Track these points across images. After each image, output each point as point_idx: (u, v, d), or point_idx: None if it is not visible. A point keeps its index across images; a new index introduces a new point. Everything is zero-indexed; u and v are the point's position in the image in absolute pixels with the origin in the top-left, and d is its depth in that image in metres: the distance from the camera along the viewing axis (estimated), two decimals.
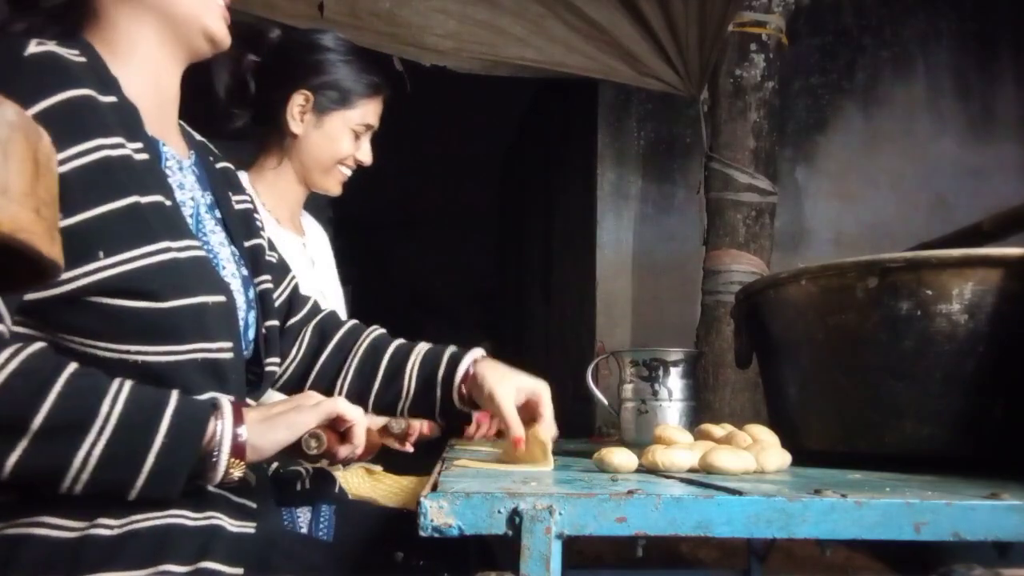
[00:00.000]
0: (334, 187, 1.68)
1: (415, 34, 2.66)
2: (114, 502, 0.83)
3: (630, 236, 3.82)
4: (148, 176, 0.91)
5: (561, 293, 4.81)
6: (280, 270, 1.21)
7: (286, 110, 1.59)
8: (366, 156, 1.67)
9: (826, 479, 0.89)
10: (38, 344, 0.81)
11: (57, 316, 0.84)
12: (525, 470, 0.99)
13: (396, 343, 1.24)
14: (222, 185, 1.11)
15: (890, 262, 1.05)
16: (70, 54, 0.90)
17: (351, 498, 1.44)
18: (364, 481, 1.59)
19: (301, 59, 1.59)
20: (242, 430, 0.86)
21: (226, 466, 0.85)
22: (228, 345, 0.93)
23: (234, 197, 1.13)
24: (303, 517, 1.26)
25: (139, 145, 0.92)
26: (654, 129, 3.87)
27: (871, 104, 3.87)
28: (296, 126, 1.60)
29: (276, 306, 1.15)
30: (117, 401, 0.80)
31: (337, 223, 4.58)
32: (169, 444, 0.81)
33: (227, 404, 0.87)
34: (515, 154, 6.51)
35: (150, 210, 0.89)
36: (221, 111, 1.44)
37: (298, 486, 1.33)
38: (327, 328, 1.25)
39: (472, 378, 1.15)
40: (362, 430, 0.93)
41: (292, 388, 1.22)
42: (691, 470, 0.95)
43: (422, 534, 0.66)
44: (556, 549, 0.65)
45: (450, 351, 1.20)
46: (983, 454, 1.02)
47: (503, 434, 1.10)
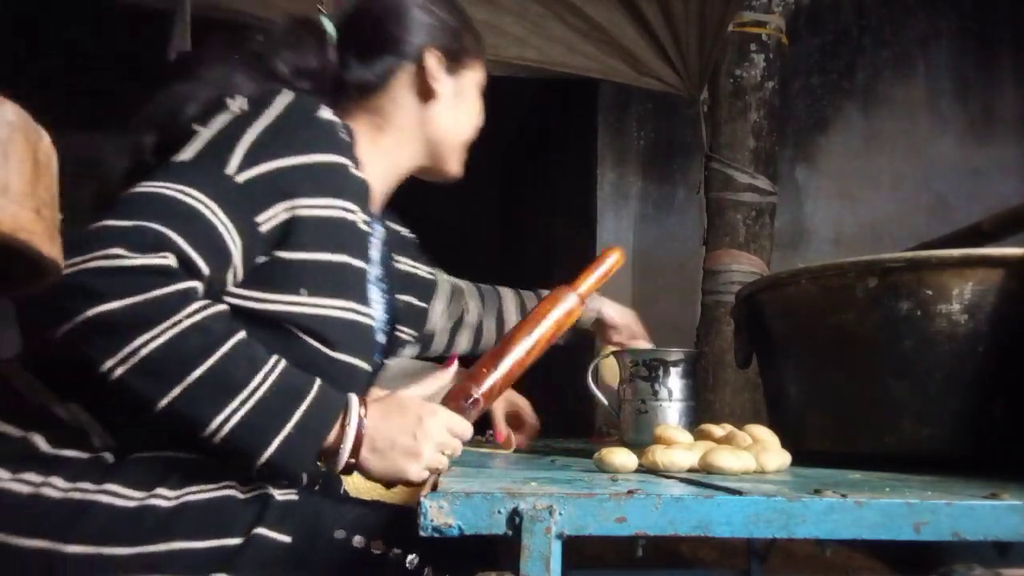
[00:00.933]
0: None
1: None
2: (173, 473, 0.90)
3: (630, 236, 3.82)
4: (360, 243, 1.03)
5: None
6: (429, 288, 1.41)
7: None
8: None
9: (826, 479, 0.89)
10: (222, 306, 0.90)
11: (250, 325, 0.92)
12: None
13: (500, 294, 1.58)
14: (395, 249, 1.29)
15: (890, 262, 1.05)
16: (337, 120, 1.03)
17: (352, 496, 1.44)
18: (365, 480, 1.58)
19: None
20: (359, 451, 0.93)
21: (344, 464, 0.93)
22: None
23: (405, 260, 1.33)
24: None
25: (365, 217, 1.04)
26: (654, 129, 3.87)
27: (871, 104, 3.87)
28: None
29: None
30: (267, 379, 0.88)
31: None
32: (293, 435, 0.88)
33: (355, 416, 0.93)
34: (515, 154, 6.51)
35: (354, 272, 1.01)
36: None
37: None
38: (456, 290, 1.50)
39: None
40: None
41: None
42: (691, 470, 0.95)
43: (422, 534, 0.66)
44: (556, 549, 0.65)
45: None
46: (983, 454, 1.02)
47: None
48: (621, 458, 0.94)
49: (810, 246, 3.75)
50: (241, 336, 0.88)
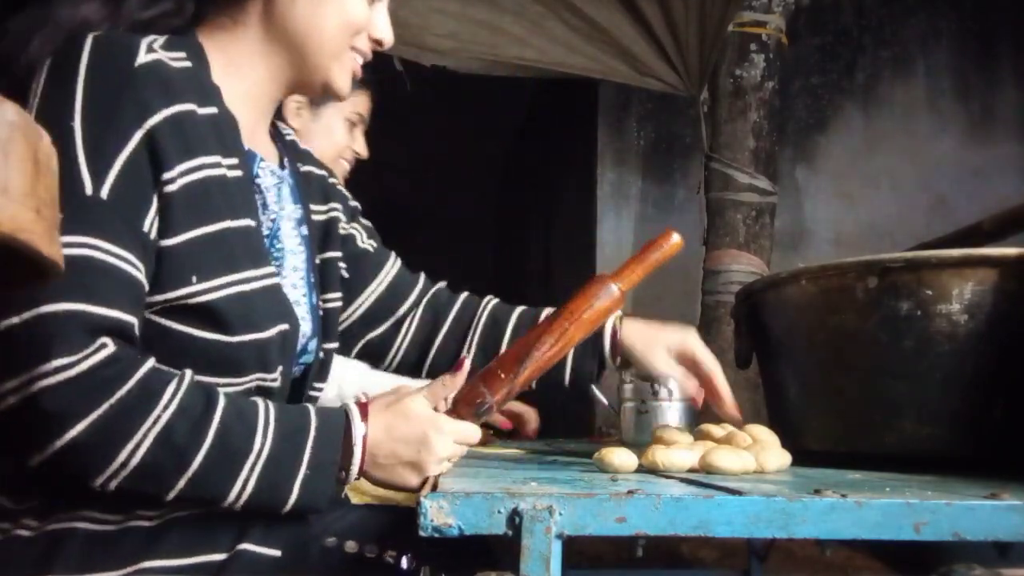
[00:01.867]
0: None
1: (415, 34, 2.66)
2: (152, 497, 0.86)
3: (630, 236, 3.82)
4: (239, 197, 0.91)
5: (561, 293, 4.81)
6: (372, 267, 1.21)
7: (283, 110, 1.62)
8: (362, 148, 1.74)
9: (826, 479, 0.89)
10: (188, 375, 0.83)
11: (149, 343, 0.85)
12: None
13: (517, 312, 1.27)
14: (306, 194, 1.09)
15: (890, 262, 1.05)
16: (176, 60, 0.88)
17: (349, 496, 1.44)
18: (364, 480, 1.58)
19: None
20: (363, 467, 0.90)
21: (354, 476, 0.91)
22: (281, 371, 0.95)
23: (317, 207, 1.11)
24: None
25: (234, 161, 0.91)
26: (654, 129, 3.87)
27: (871, 104, 3.87)
28: (295, 120, 1.65)
29: (364, 312, 1.19)
30: (268, 435, 0.84)
31: None
32: (309, 476, 0.86)
33: (359, 437, 0.89)
34: (515, 154, 6.50)
35: (235, 236, 0.89)
36: None
37: None
38: (440, 304, 1.27)
39: (621, 342, 1.20)
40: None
41: (409, 369, 1.25)
42: (691, 470, 0.95)
43: (422, 534, 0.66)
44: (556, 549, 0.65)
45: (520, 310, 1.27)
46: (983, 454, 1.02)
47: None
48: (621, 458, 0.94)
49: (810, 246, 3.75)
50: (222, 401, 0.83)
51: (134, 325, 0.82)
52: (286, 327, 0.94)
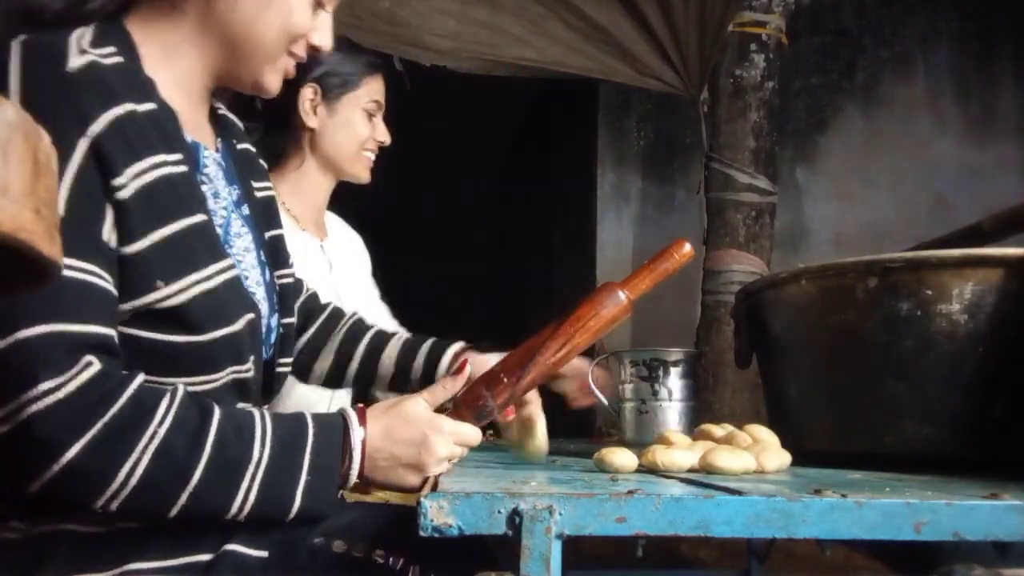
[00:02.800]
0: (363, 172, 1.69)
1: (415, 34, 2.66)
2: None
3: (630, 236, 3.82)
4: (188, 194, 0.89)
5: (561, 293, 4.81)
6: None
7: (297, 108, 1.61)
8: (384, 135, 1.70)
9: (826, 479, 0.89)
10: (180, 391, 0.83)
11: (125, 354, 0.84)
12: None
13: (373, 330, 1.28)
14: (245, 172, 1.08)
15: (890, 262, 1.05)
16: (107, 56, 0.85)
17: (347, 497, 1.44)
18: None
19: None
20: (363, 470, 0.90)
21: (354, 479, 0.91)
22: (253, 359, 0.95)
23: (256, 184, 1.09)
24: None
25: (178, 156, 0.89)
26: (654, 129, 3.87)
27: (871, 104, 3.87)
28: (311, 120, 1.62)
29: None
30: (265, 443, 0.84)
31: None
32: (311, 481, 0.86)
33: (357, 441, 0.89)
34: (515, 154, 6.50)
35: (192, 233, 0.87)
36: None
37: None
38: (308, 311, 1.26)
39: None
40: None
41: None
42: (691, 470, 0.95)
43: (422, 534, 0.66)
44: (556, 549, 0.65)
45: (431, 341, 1.26)
46: (983, 454, 1.02)
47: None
48: (621, 458, 0.94)
49: (810, 246, 3.75)
50: (217, 412, 0.83)
51: (113, 338, 0.81)
52: (252, 316, 0.93)
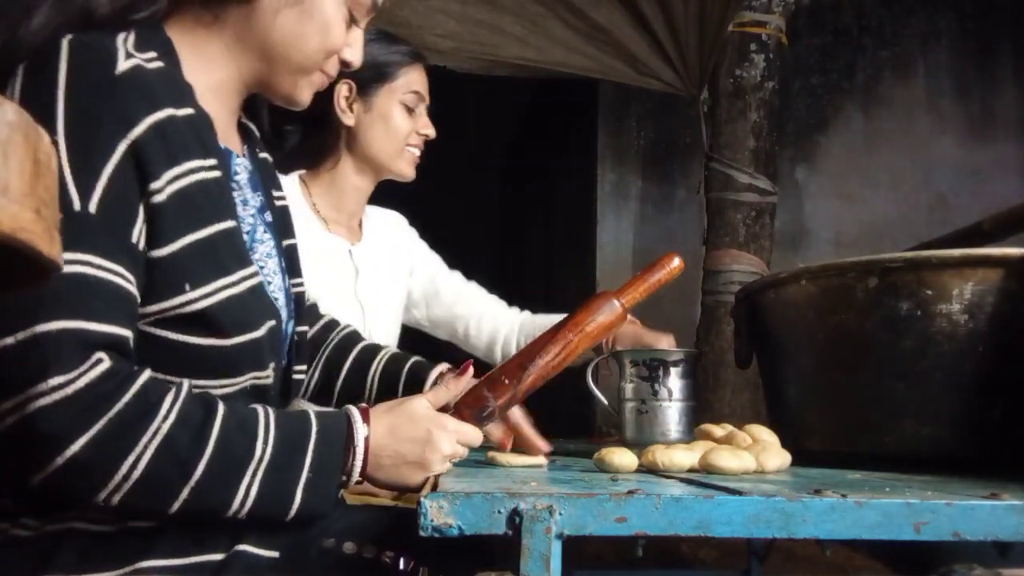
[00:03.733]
0: (408, 169, 1.60)
1: (415, 34, 2.66)
2: None
3: (630, 236, 3.82)
4: (220, 200, 0.91)
5: (561, 293, 4.81)
6: None
7: (332, 107, 1.54)
8: (427, 128, 1.59)
9: (826, 479, 0.89)
10: (185, 386, 0.83)
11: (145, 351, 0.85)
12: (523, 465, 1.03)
13: (361, 345, 1.28)
14: (266, 180, 1.09)
15: (890, 262, 1.05)
16: (150, 61, 0.86)
17: (348, 499, 1.44)
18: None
19: None
20: (366, 468, 0.91)
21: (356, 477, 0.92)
22: (273, 365, 0.95)
23: (275, 193, 1.10)
24: None
25: (213, 161, 0.90)
26: (654, 129, 3.87)
27: (871, 104, 3.87)
28: (348, 118, 1.54)
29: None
30: (268, 441, 0.84)
31: None
32: (311, 479, 0.86)
33: (361, 439, 0.90)
34: (515, 154, 6.50)
35: (222, 239, 0.89)
36: (272, 135, 1.18)
37: None
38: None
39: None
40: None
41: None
42: (691, 470, 0.95)
43: (422, 534, 0.66)
44: (556, 549, 0.65)
45: (415, 359, 1.25)
46: (983, 454, 1.02)
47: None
48: (621, 458, 0.94)
49: (810, 246, 3.76)
50: (221, 409, 0.83)
51: (128, 339, 0.81)
52: (274, 322, 0.94)
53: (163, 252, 0.84)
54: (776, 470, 0.96)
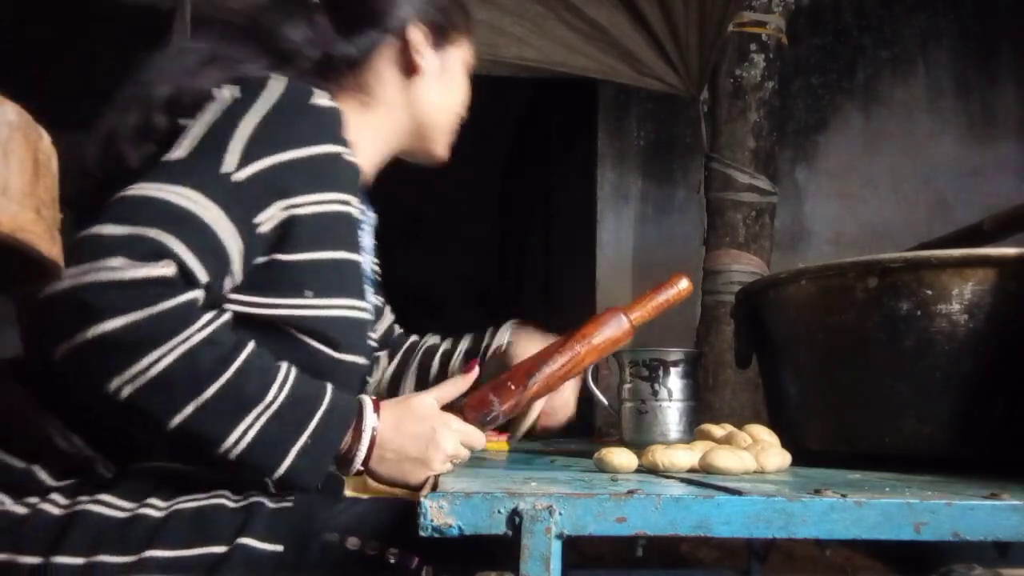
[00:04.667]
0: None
1: None
2: (167, 484, 0.89)
3: (630, 236, 3.82)
4: (356, 235, 1.00)
5: (561, 293, 4.81)
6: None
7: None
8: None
9: (826, 479, 0.89)
10: (226, 315, 0.87)
11: (251, 330, 0.90)
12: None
13: (441, 349, 1.37)
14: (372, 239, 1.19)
15: (890, 262, 1.05)
16: (334, 106, 0.98)
17: (349, 496, 1.44)
18: (363, 480, 1.58)
19: None
20: (369, 460, 0.93)
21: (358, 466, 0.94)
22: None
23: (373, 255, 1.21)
24: None
25: (361, 207, 1.02)
26: (654, 129, 3.87)
27: (871, 104, 3.87)
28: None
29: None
30: (281, 391, 0.86)
31: None
32: (308, 444, 0.87)
33: (370, 427, 0.92)
34: (515, 154, 6.51)
35: (353, 267, 0.98)
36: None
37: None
38: (389, 340, 1.39)
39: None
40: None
41: None
42: (691, 470, 0.95)
43: (422, 534, 0.66)
44: (556, 549, 0.65)
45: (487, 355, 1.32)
46: (983, 454, 1.02)
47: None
48: (621, 458, 0.94)
49: (810, 246, 3.76)
50: (251, 347, 0.86)
51: (203, 279, 0.85)
52: (368, 363, 1.03)
53: (292, 257, 0.91)
54: (776, 470, 0.96)
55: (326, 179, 0.94)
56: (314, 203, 0.92)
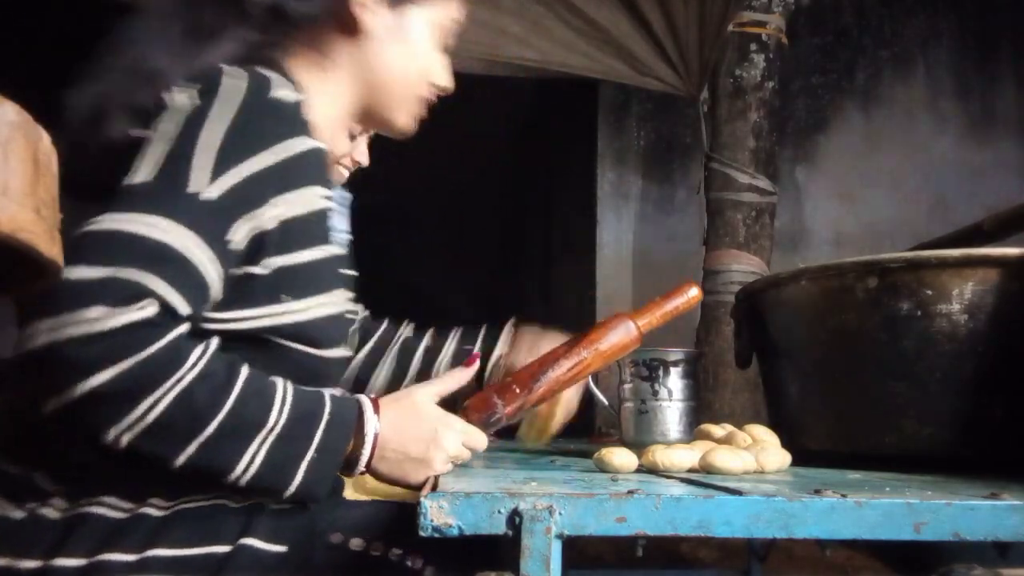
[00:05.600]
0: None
1: None
2: (167, 484, 0.88)
3: (630, 236, 3.82)
4: (330, 227, 0.96)
5: (561, 293, 4.81)
6: None
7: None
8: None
9: (826, 479, 0.89)
10: (215, 343, 0.85)
11: (233, 345, 0.88)
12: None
13: (424, 344, 1.34)
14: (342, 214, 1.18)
15: (890, 262, 1.05)
16: (296, 96, 0.93)
17: (350, 497, 1.44)
18: (364, 480, 1.58)
19: None
20: (371, 460, 0.92)
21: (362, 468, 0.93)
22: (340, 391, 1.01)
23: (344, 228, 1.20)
24: None
25: (329, 193, 0.96)
26: (654, 129, 3.87)
27: (871, 104, 3.87)
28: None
29: None
30: (282, 413, 0.85)
31: None
32: (315, 459, 0.87)
33: (372, 430, 0.91)
34: (515, 154, 6.50)
35: (330, 262, 0.95)
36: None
37: None
38: (365, 329, 1.35)
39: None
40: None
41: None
42: (691, 470, 0.95)
43: (422, 534, 0.66)
44: (556, 549, 0.65)
45: (480, 339, 1.33)
46: (983, 454, 1.02)
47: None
48: (621, 458, 0.94)
49: (810, 246, 3.75)
50: (245, 372, 0.85)
51: (186, 312, 0.83)
52: (350, 353, 1.04)
53: (268, 266, 0.89)
54: (776, 470, 0.96)
55: (296, 178, 0.90)
56: (289, 206, 0.89)
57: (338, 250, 0.98)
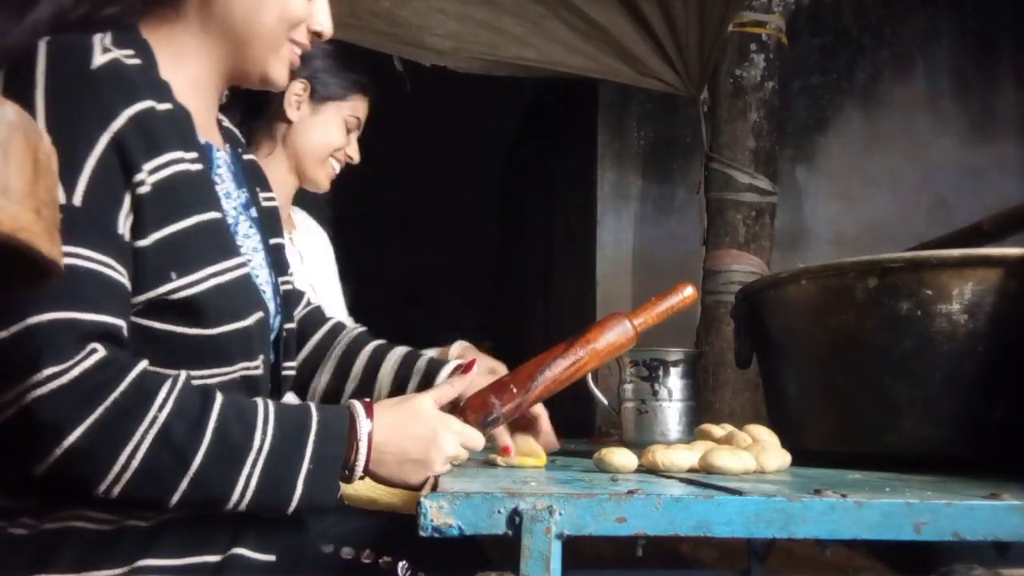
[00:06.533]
0: (324, 181, 1.67)
1: (415, 34, 2.66)
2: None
3: (630, 236, 3.82)
4: (203, 191, 0.92)
5: (561, 293, 4.81)
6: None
7: (282, 99, 1.60)
8: (355, 152, 1.69)
9: (826, 479, 0.89)
10: (182, 377, 0.83)
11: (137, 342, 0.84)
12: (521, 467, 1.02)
13: (372, 346, 1.24)
14: (251, 179, 1.09)
15: (890, 262, 1.05)
16: (128, 58, 0.87)
17: (347, 503, 1.44)
18: (364, 482, 1.58)
19: None
20: (368, 463, 0.91)
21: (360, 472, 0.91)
22: (262, 358, 0.95)
23: (261, 193, 1.11)
24: None
25: (194, 155, 0.91)
26: (654, 129, 3.87)
27: (871, 104, 3.87)
28: (293, 113, 1.61)
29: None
30: (267, 431, 0.84)
31: (336, 223, 4.56)
32: (312, 470, 0.85)
33: (364, 434, 0.90)
34: (515, 154, 6.51)
35: (208, 229, 0.90)
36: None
37: None
38: (308, 325, 1.25)
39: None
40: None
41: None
42: (691, 470, 0.95)
43: (422, 534, 0.66)
44: (556, 549, 0.65)
45: (427, 357, 1.21)
46: (983, 454, 1.02)
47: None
48: (621, 458, 0.94)
49: (810, 246, 3.75)
50: (219, 399, 0.83)
51: (122, 328, 0.82)
52: (262, 314, 0.94)
53: (148, 241, 0.84)
54: (776, 470, 0.96)
55: (144, 145, 0.84)
56: (150, 172, 0.84)
57: (218, 216, 0.92)
